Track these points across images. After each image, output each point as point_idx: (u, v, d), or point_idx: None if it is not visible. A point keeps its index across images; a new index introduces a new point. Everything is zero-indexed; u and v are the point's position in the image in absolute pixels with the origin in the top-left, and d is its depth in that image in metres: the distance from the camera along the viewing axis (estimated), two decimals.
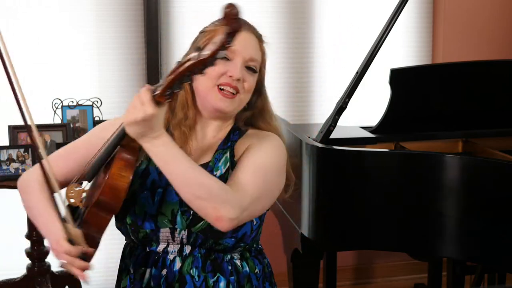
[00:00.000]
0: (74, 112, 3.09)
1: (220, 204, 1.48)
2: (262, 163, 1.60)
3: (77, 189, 1.54)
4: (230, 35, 1.37)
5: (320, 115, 3.53)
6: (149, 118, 1.40)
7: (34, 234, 2.95)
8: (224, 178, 1.62)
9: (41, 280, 2.98)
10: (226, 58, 1.61)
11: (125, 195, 1.50)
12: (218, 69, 1.59)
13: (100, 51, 3.30)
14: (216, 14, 1.79)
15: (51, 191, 1.59)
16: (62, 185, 1.63)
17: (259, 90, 1.72)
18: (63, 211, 1.55)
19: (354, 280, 3.76)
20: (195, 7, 3.34)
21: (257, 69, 1.66)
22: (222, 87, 1.61)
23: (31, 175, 1.69)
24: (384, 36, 2.51)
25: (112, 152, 1.53)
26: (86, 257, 1.47)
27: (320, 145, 2.41)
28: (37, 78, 3.24)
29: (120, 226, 1.66)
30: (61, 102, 3.09)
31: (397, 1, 2.51)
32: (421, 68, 3.14)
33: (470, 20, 3.66)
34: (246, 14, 3.89)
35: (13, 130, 2.98)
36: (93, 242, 1.50)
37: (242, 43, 1.61)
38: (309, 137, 2.55)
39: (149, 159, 1.64)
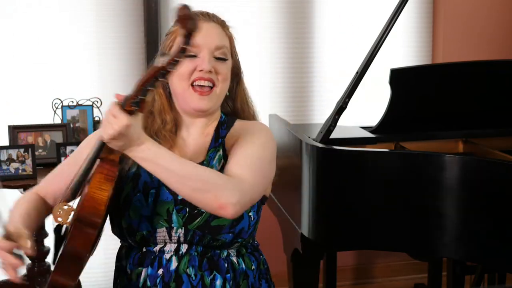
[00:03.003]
0: (74, 112, 3.09)
1: (220, 191, 1.48)
2: (255, 151, 1.62)
3: (65, 207, 1.52)
4: (187, 37, 1.42)
5: (320, 115, 3.53)
6: (125, 129, 1.41)
7: (34, 234, 2.95)
8: None
9: (41, 280, 2.98)
10: (193, 55, 1.63)
11: (105, 208, 1.48)
12: (187, 67, 1.62)
13: (100, 51, 3.30)
14: (216, 14, 1.81)
15: None
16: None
17: (237, 76, 1.74)
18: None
19: (354, 280, 3.76)
20: (195, 7, 3.33)
21: (227, 56, 1.68)
22: (196, 83, 1.62)
23: None
24: (384, 36, 2.51)
25: (92, 167, 1.52)
26: (21, 256, 1.48)
27: (320, 145, 2.41)
28: (37, 78, 3.24)
29: (116, 231, 1.66)
30: (61, 102, 3.09)
31: (397, 1, 2.51)
32: (421, 68, 3.14)
33: (470, 20, 3.66)
34: (246, 14, 3.85)
35: (13, 130, 2.98)
36: (79, 258, 1.48)
37: (204, 35, 1.63)
38: (309, 137, 2.55)
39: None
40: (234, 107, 1.77)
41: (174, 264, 1.62)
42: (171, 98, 1.71)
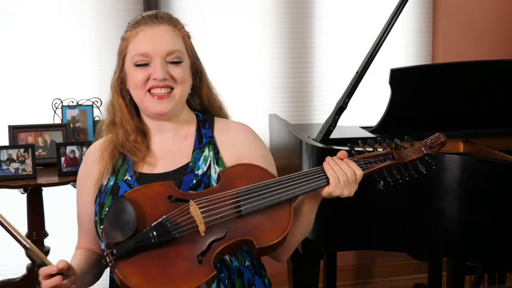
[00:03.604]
0: (74, 112, 3.09)
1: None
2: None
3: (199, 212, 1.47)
4: (429, 158, 1.67)
5: (320, 115, 3.53)
6: None
7: (34, 234, 2.95)
8: (206, 175, 1.63)
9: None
10: (144, 64, 1.62)
11: None
12: (140, 76, 1.62)
13: (100, 51, 3.30)
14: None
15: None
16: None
17: (198, 72, 1.71)
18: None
19: (354, 280, 3.76)
20: (195, 7, 3.34)
21: (181, 58, 1.64)
22: (152, 91, 1.61)
23: None
24: (384, 36, 2.50)
25: (286, 201, 1.52)
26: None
27: (320, 145, 2.41)
28: (37, 78, 3.24)
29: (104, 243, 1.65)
30: (61, 102, 3.09)
31: (397, 1, 2.51)
32: (421, 68, 3.14)
33: (470, 20, 3.66)
34: (246, 14, 3.85)
35: (13, 130, 2.98)
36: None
37: (153, 42, 1.61)
38: (309, 137, 2.55)
39: (116, 175, 1.67)
40: (201, 103, 1.75)
41: None
42: (132, 106, 1.69)
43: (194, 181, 1.61)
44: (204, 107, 1.76)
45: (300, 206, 1.61)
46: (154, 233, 1.41)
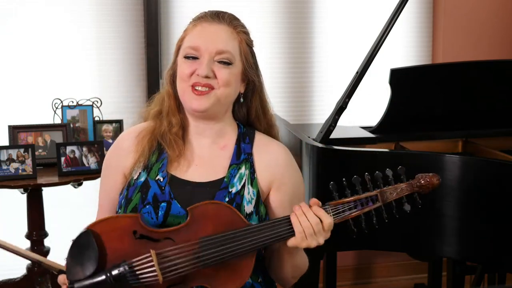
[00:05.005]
0: (74, 112, 3.09)
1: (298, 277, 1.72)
2: None
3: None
4: (417, 195, 1.57)
5: (320, 115, 3.53)
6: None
7: (34, 234, 2.95)
8: (240, 195, 1.61)
9: (41, 280, 2.97)
10: (194, 57, 1.61)
11: None
12: (187, 69, 1.60)
13: (100, 51, 3.30)
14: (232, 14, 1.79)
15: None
16: None
17: (251, 82, 1.69)
18: None
19: (354, 280, 3.76)
20: (195, 7, 3.33)
21: (231, 61, 1.62)
22: (195, 87, 1.60)
23: None
24: (384, 36, 2.50)
25: (247, 252, 1.50)
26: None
27: (320, 145, 2.41)
28: (37, 78, 3.24)
29: None
30: (61, 102, 3.09)
31: (397, 1, 2.51)
32: (421, 68, 3.14)
33: (470, 20, 3.66)
34: (246, 15, 3.88)
35: (13, 130, 2.98)
36: None
37: (206, 38, 1.61)
38: (309, 137, 2.55)
39: (148, 172, 1.64)
40: (248, 115, 1.72)
41: None
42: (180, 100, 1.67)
43: (227, 199, 1.60)
44: (250, 121, 1.73)
45: (279, 248, 1.61)
46: (112, 276, 1.45)
